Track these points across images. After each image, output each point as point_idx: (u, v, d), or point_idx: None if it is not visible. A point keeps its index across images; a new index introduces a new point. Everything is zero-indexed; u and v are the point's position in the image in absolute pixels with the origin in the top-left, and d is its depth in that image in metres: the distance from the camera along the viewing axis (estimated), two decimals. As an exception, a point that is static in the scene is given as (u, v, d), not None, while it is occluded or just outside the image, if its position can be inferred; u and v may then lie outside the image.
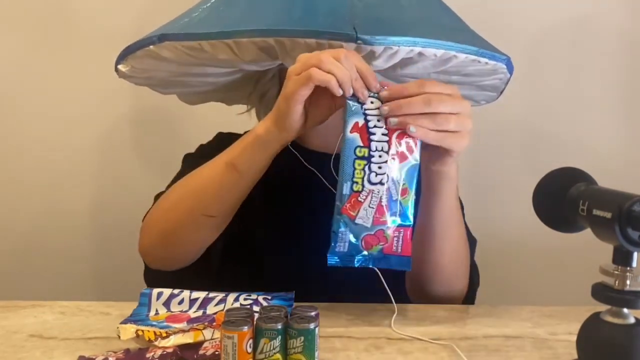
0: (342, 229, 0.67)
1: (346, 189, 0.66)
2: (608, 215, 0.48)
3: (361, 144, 0.66)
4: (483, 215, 0.98)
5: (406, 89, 0.66)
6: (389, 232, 0.67)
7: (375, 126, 0.66)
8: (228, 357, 0.56)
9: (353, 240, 0.67)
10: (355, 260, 0.68)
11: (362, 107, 0.67)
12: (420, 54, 0.72)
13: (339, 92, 0.65)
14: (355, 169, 0.66)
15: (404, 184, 0.67)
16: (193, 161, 0.98)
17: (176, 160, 1.02)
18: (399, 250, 0.68)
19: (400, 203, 0.67)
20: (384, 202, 0.67)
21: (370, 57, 0.72)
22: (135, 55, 0.79)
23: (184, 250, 0.82)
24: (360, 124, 0.66)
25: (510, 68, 0.82)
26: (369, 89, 0.67)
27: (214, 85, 0.94)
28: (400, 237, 0.68)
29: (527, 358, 0.64)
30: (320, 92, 0.68)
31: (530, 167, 1.41)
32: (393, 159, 0.66)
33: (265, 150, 0.73)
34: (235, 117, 1.02)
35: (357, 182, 0.66)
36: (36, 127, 1.44)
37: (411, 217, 0.68)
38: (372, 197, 0.66)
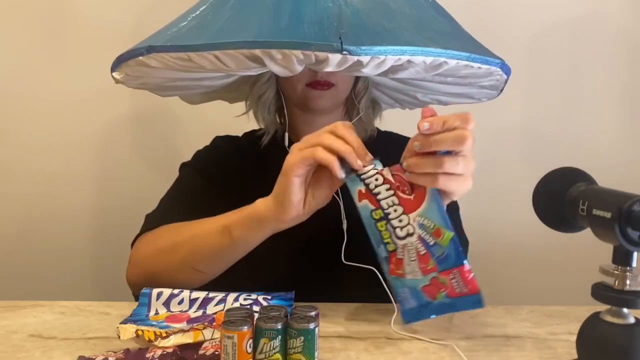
0: (400, 288, 0.68)
1: (383, 253, 0.67)
2: (608, 215, 0.48)
3: (373, 207, 0.67)
4: (483, 215, 0.98)
5: (447, 122, 0.63)
6: (442, 277, 0.66)
7: (376, 186, 0.67)
8: (228, 357, 0.56)
9: (415, 294, 0.67)
10: (429, 311, 0.67)
11: (358, 175, 0.67)
12: (409, 61, 0.72)
13: (341, 175, 0.66)
14: (380, 231, 0.67)
15: (434, 226, 0.66)
16: (188, 172, 0.97)
17: (176, 160, 1.02)
18: (465, 290, 0.66)
19: (440, 245, 0.66)
20: (422, 251, 0.66)
21: (357, 66, 0.72)
22: (127, 64, 0.79)
23: (169, 285, 0.80)
24: (363, 190, 0.67)
25: (505, 70, 0.81)
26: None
27: (211, 87, 0.95)
28: (458, 277, 0.66)
29: (527, 358, 0.64)
30: (320, 174, 0.69)
31: (530, 167, 1.41)
32: (409, 207, 0.66)
33: (261, 227, 0.73)
34: (235, 115, 1.01)
35: (388, 243, 0.67)
36: (36, 127, 1.44)
37: (461, 255, 0.65)
38: (408, 251, 0.67)
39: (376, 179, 0.67)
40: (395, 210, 0.66)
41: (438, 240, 0.66)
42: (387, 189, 0.67)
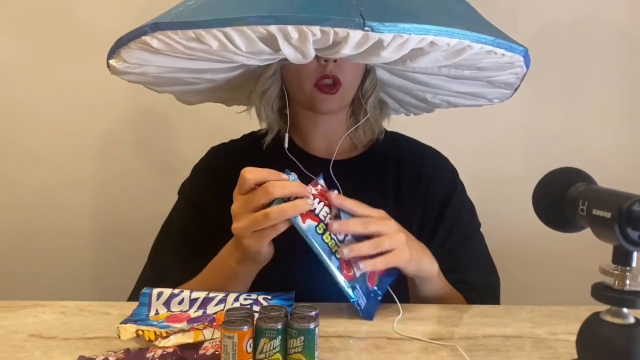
0: (354, 292, 0.72)
1: (335, 263, 0.71)
2: (608, 215, 0.48)
3: (315, 223, 0.71)
4: (483, 215, 0.98)
5: (349, 225, 0.72)
6: None
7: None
8: (228, 357, 0.56)
9: (365, 291, 0.73)
10: (375, 297, 0.74)
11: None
12: (432, 43, 0.68)
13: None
14: (327, 243, 0.71)
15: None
16: (184, 199, 0.97)
17: (175, 162, 1.02)
18: None
19: None
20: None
21: (377, 47, 0.67)
22: (127, 48, 0.74)
23: None
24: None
25: (527, 61, 0.78)
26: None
27: (212, 82, 0.91)
28: None
29: (527, 358, 0.64)
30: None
31: (530, 167, 1.41)
32: (337, 210, 0.73)
33: (249, 276, 0.79)
34: (235, 116, 1.01)
35: (336, 251, 0.71)
36: (36, 127, 1.44)
37: None
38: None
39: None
40: (330, 219, 0.72)
41: None
42: (319, 202, 0.71)
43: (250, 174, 0.70)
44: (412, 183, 0.94)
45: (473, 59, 0.74)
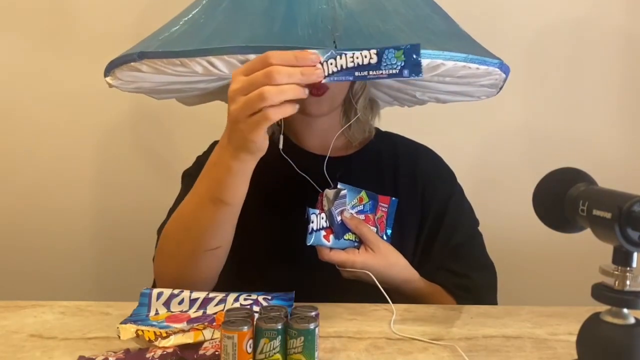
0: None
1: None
2: (608, 215, 0.48)
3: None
4: (483, 215, 0.98)
5: None
6: None
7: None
8: (228, 357, 0.56)
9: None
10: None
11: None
12: None
13: (305, 94, 0.65)
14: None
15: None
16: (191, 180, 0.97)
17: (176, 160, 1.02)
18: None
19: None
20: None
21: None
22: (119, 69, 0.79)
23: (200, 283, 0.81)
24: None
25: (504, 69, 0.81)
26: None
27: (206, 90, 0.93)
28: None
29: (527, 358, 0.64)
30: None
31: (530, 167, 1.41)
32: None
33: (245, 174, 0.73)
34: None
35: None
36: (37, 128, 1.44)
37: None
38: None
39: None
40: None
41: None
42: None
43: (275, 58, 0.63)
44: (408, 179, 0.96)
45: (450, 71, 0.77)
